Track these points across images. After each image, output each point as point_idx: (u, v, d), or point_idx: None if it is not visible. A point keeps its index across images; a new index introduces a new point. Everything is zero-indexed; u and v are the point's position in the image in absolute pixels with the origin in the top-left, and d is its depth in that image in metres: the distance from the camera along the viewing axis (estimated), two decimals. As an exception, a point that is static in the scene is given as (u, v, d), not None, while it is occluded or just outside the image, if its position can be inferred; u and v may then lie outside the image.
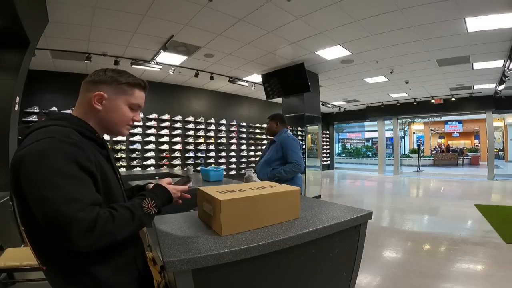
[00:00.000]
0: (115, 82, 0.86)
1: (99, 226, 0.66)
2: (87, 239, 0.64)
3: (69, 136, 0.73)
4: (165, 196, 0.91)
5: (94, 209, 0.68)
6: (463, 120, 18.42)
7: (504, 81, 6.37)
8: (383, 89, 8.25)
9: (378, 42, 4.61)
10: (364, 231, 1.26)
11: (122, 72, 0.89)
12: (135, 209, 0.78)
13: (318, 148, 8.68)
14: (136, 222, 0.76)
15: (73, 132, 0.76)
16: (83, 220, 0.63)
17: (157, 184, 0.95)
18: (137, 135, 6.67)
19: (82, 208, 0.65)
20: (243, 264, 0.88)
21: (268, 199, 1.09)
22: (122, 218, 0.73)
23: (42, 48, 4.30)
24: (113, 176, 0.87)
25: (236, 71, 6.28)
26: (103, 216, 0.68)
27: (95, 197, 0.71)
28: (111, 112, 0.87)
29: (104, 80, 0.85)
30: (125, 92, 0.88)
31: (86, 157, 0.73)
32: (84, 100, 0.86)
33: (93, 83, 0.86)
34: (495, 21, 3.74)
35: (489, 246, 3.06)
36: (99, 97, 0.84)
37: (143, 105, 0.95)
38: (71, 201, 0.64)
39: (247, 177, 2.00)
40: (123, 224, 0.73)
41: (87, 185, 0.71)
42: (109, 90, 0.86)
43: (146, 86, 0.94)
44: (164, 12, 3.57)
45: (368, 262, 2.67)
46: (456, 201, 5.95)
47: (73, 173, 0.68)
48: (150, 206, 0.82)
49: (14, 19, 2.48)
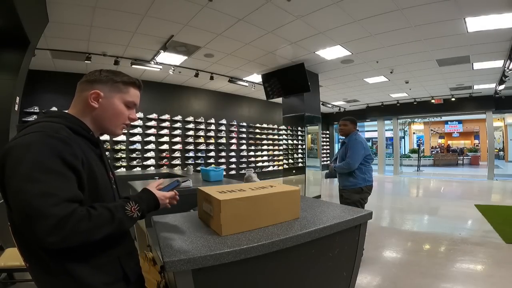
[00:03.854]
0: (110, 81, 0.87)
1: (71, 224, 0.64)
2: (55, 235, 0.62)
3: (58, 131, 0.73)
4: (151, 201, 0.90)
5: (70, 206, 0.66)
6: (463, 120, 18.42)
7: (504, 81, 6.38)
8: (383, 89, 8.25)
9: (378, 42, 4.61)
10: (364, 231, 1.26)
11: (117, 72, 0.91)
12: (116, 210, 0.76)
13: (318, 148, 8.69)
14: (115, 224, 0.75)
15: (64, 128, 0.76)
16: (54, 215, 0.62)
17: (145, 189, 0.93)
18: (137, 135, 6.67)
19: (56, 203, 0.64)
20: (243, 264, 0.88)
21: (268, 199, 1.09)
22: (100, 218, 0.72)
23: (42, 48, 4.30)
24: (103, 176, 0.85)
25: (236, 71, 6.28)
26: (79, 214, 0.67)
27: (74, 193, 0.70)
28: (107, 110, 0.87)
29: (99, 79, 0.87)
30: (121, 90, 0.89)
31: (72, 153, 0.72)
32: (80, 99, 0.87)
33: (88, 83, 0.87)
34: (495, 21, 3.74)
35: (489, 246, 3.06)
36: (95, 95, 0.85)
37: (139, 104, 0.96)
38: (45, 195, 0.63)
39: (247, 177, 2.00)
40: (100, 224, 0.71)
41: (68, 181, 0.70)
42: (105, 89, 0.86)
43: (141, 85, 0.95)
44: (164, 12, 3.57)
45: (368, 262, 2.67)
46: (456, 201, 5.95)
47: (55, 167, 0.67)
48: (133, 209, 0.81)
49: (14, 19, 2.48)
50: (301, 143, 8.76)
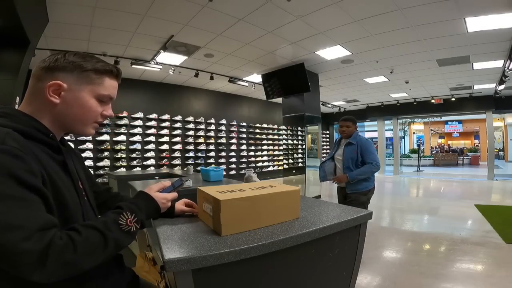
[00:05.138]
0: (78, 68, 0.68)
1: (52, 257, 0.52)
2: (39, 273, 0.51)
3: (3, 141, 0.56)
4: (151, 207, 0.79)
5: (46, 235, 0.53)
6: (463, 120, 18.42)
7: (504, 81, 6.38)
8: (383, 89, 8.25)
9: (378, 42, 4.61)
10: (364, 231, 1.26)
11: (88, 57, 0.71)
12: (107, 229, 0.62)
13: (318, 148, 8.71)
14: (111, 246, 0.62)
15: (10, 134, 0.58)
16: (29, 251, 0.50)
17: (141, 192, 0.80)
18: (137, 135, 6.67)
19: (26, 237, 0.51)
20: (243, 264, 0.88)
21: (268, 199, 1.09)
22: (88, 243, 0.58)
23: (42, 48, 4.30)
24: (70, 190, 0.68)
25: (236, 71, 6.28)
26: (58, 244, 0.54)
27: (44, 219, 0.55)
28: (73, 107, 0.69)
29: (63, 66, 0.67)
30: (92, 81, 0.70)
31: (27, 169, 0.56)
32: (34, 92, 0.67)
33: (47, 70, 0.67)
34: (495, 21, 3.74)
35: (489, 246, 3.06)
36: (55, 87, 0.66)
37: (115, 97, 0.77)
38: (9, 229, 0.50)
39: (247, 177, 2.00)
40: (90, 250, 0.58)
41: (31, 205, 0.55)
42: (69, 79, 0.67)
43: (119, 73, 0.76)
44: (164, 12, 3.57)
45: (368, 262, 2.67)
46: (456, 201, 5.94)
47: (9, 192, 0.52)
48: (129, 222, 0.67)
49: (14, 19, 2.48)
50: (301, 143, 8.77)
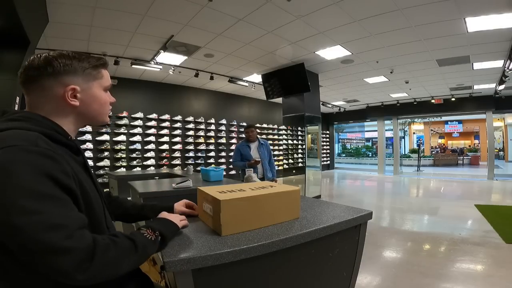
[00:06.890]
0: (79, 69, 0.73)
1: (99, 254, 0.55)
2: (83, 271, 0.52)
3: (36, 143, 0.58)
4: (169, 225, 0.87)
5: (86, 234, 0.56)
6: (463, 120, 18.42)
7: (504, 81, 6.38)
8: (383, 89, 8.25)
9: (378, 42, 4.61)
10: (364, 231, 1.26)
11: (78, 56, 0.74)
12: (133, 235, 0.68)
13: (318, 148, 8.68)
14: (141, 250, 0.66)
15: (40, 138, 0.60)
16: (74, 249, 0.52)
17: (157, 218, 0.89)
18: (137, 135, 6.67)
19: (68, 235, 0.52)
20: (243, 264, 0.88)
21: (268, 199, 1.09)
22: (123, 245, 0.62)
23: (42, 48, 4.29)
24: (92, 189, 0.73)
25: (236, 71, 6.28)
26: (102, 242, 0.57)
27: (82, 219, 0.59)
28: (92, 104, 0.75)
29: (65, 70, 0.70)
30: (95, 76, 0.76)
31: (62, 170, 0.58)
32: (51, 99, 0.70)
33: (54, 77, 0.69)
34: (495, 21, 3.74)
35: (489, 246, 3.06)
36: (72, 91, 0.71)
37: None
38: (52, 228, 0.51)
39: (247, 177, 2.00)
40: (126, 252, 0.62)
41: (68, 205, 0.57)
42: (78, 81, 0.72)
43: (107, 62, 0.83)
44: (164, 12, 3.57)
45: (368, 262, 2.67)
46: (456, 201, 5.94)
47: (48, 192, 0.54)
48: (150, 232, 0.74)
49: (14, 19, 2.48)
50: (301, 143, 8.77)
